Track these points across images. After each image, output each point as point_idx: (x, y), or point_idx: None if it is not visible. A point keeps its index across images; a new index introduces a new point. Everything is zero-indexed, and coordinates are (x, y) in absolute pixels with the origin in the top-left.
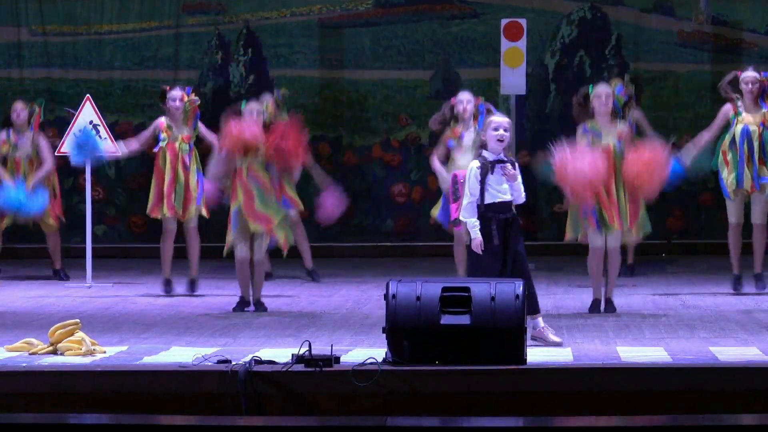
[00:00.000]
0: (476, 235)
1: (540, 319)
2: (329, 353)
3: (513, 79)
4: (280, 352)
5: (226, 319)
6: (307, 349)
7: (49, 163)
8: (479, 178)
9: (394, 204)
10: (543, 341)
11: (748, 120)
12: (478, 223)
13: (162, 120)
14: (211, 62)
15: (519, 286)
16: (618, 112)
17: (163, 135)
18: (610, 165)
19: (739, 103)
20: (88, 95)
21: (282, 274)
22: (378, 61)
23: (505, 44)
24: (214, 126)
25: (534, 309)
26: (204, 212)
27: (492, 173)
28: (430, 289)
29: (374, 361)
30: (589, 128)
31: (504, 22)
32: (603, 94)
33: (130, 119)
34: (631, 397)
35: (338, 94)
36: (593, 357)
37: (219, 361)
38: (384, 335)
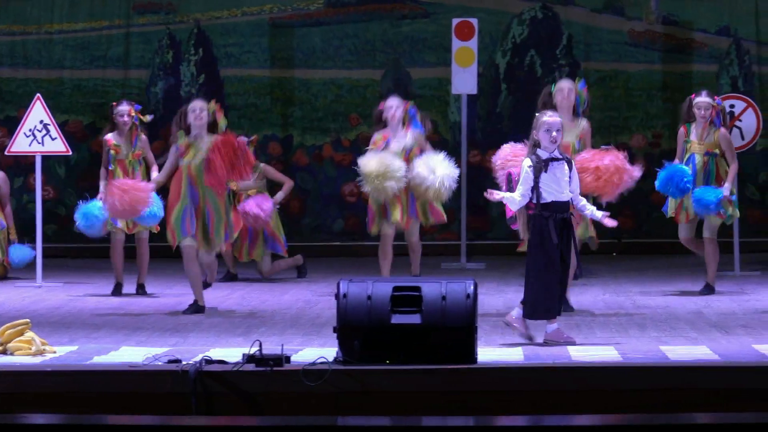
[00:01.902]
0: (503, 195)
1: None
2: (280, 353)
3: (464, 79)
4: (230, 352)
5: (176, 319)
6: (258, 348)
7: None
8: (530, 176)
9: (344, 203)
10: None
11: (695, 148)
12: (518, 198)
13: (109, 137)
14: (162, 61)
15: (470, 286)
16: (578, 109)
17: (112, 153)
18: None
19: (692, 128)
20: (38, 94)
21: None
22: (329, 61)
23: (456, 44)
24: (164, 125)
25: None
26: (155, 229)
27: (546, 171)
28: (381, 288)
29: (325, 360)
30: None
31: (455, 21)
32: (565, 88)
33: (80, 119)
34: (582, 397)
35: (289, 94)
36: (544, 356)
37: (169, 361)
38: (335, 335)
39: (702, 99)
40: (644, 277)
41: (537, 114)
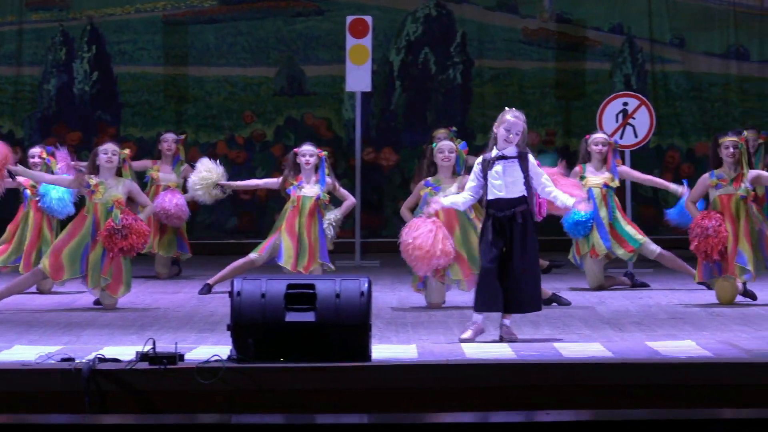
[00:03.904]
0: (447, 200)
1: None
2: (173, 351)
3: (358, 76)
4: (124, 350)
5: (70, 317)
6: (151, 346)
7: None
8: (479, 174)
9: (238, 201)
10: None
11: (592, 182)
12: (459, 199)
13: (24, 180)
14: (55, 59)
15: (364, 283)
16: (458, 168)
17: (28, 192)
18: (452, 215)
19: (587, 167)
20: None
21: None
22: (222, 58)
23: (350, 41)
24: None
25: (508, 308)
26: None
27: (490, 170)
28: (275, 286)
29: (219, 358)
30: (432, 182)
31: (349, 19)
32: (446, 148)
33: None
34: (475, 393)
35: (183, 91)
36: (438, 353)
37: (62, 360)
38: (229, 333)
39: (598, 135)
40: None
41: (506, 109)
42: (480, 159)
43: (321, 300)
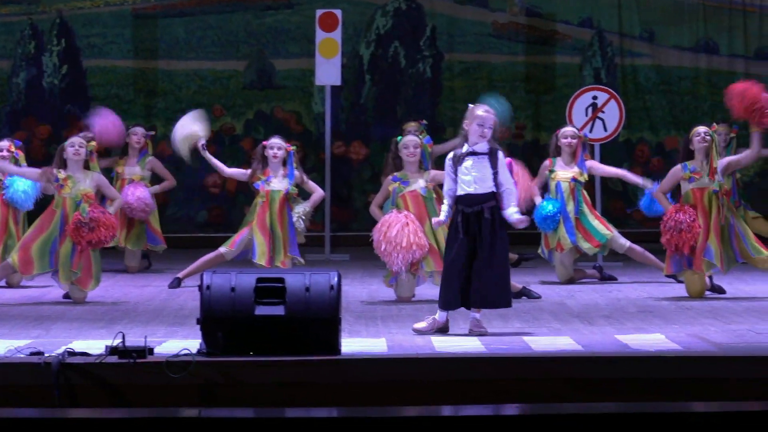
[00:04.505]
0: (440, 216)
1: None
2: (143, 345)
3: (328, 70)
4: (93, 344)
5: (39, 311)
6: (121, 340)
7: None
8: (450, 170)
9: (208, 195)
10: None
11: (560, 176)
12: (446, 207)
13: None
14: (24, 52)
15: (334, 277)
16: (424, 163)
17: None
18: (422, 208)
19: (557, 161)
20: None
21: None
22: (192, 52)
23: (320, 35)
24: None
25: (477, 303)
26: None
27: (459, 165)
28: (245, 279)
29: (188, 352)
30: (399, 177)
31: (319, 12)
32: (411, 144)
33: None
34: (444, 387)
35: (152, 85)
36: (407, 347)
37: (32, 353)
38: (198, 326)
39: (567, 129)
40: None
41: (471, 106)
42: (450, 155)
43: (290, 294)
